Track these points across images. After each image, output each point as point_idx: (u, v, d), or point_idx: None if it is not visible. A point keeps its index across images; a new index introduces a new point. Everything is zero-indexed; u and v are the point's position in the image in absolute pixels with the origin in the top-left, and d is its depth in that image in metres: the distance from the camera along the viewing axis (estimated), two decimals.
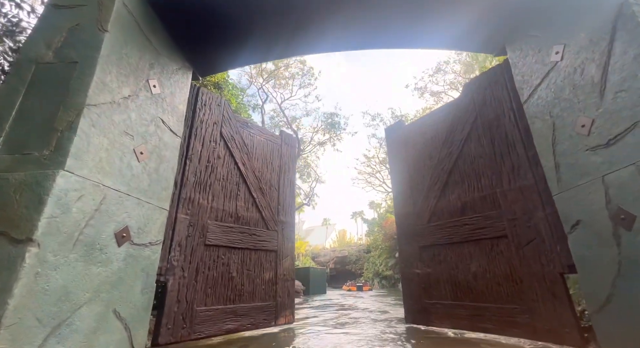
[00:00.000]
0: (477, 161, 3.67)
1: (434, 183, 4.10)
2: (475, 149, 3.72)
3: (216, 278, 3.72)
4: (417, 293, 3.95)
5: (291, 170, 5.14)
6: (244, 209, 4.21)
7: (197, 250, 3.61)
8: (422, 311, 3.82)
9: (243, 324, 3.73)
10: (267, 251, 4.30)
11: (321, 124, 17.33)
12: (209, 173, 3.95)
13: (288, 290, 4.37)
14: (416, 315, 3.91)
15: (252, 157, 4.56)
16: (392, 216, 27.61)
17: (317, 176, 19.99)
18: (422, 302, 3.86)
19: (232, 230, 3.99)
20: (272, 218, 4.50)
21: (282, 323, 4.15)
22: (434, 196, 4.05)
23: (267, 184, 4.65)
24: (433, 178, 4.13)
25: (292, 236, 4.73)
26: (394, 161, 4.95)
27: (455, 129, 4.00)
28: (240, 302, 3.80)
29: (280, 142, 5.11)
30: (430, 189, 4.13)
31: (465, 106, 3.94)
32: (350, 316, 5.50)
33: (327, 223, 68.11)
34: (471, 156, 3.75)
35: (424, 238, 4.04)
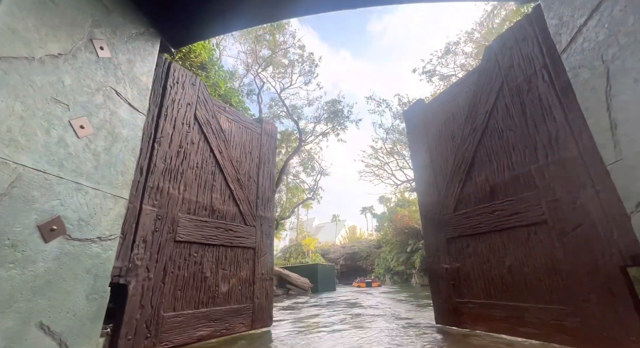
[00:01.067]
0: (506, 134, 3.19)
1: (458, 166, 3.66)
2: (503, 121, 3.24)
3: (187, 278, 3.29)
4: (447, 291, 3.57)
5: (271, 162, 4.79)
6: (220, 202, 3.80)
7: (166, 246, 3.16)
8: (453, 311, 3.43)
9: (217, 330, 3.34)
10: (245, 249, 3.93)
11: (323, 112, 15.81)
12: (181, 159, 3.49)
13: (266, 291, 4.04)
14: (446, 316, 3.53)
15: (230, 145, 4.15)
16: (403, 210, 26.86)
17: (321, 169, 18.90)
18: (452, 301, 3.47)
19: (206, 224, 3.57)
20: (250, 213, 4.13)
21: (259, 327, 3.81)
22: (459, 180, 3.62)
23: (245, 176, 4.26)
24: (457, 160, 3.68)
25: (271, 233, 4.40)
26: (415, 145, 4.50)
27: (479, 100, 3.52)
28: (214, 305, 3.41)
29: (260, 131, 4.73)
30: (455, 173, 3.68)
31: (489, 72, 3.45)
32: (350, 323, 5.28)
33: (337, 219, 67.03)
34: (499, 130, 3.28)
35: (450, 229, 3.63)
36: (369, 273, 33.58)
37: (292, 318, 5.56)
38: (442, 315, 3.61)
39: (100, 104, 2.52)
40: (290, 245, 39.54)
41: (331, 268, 21.29)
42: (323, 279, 18.45)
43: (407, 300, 8.56)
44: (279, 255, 38.43)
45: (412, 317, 4.58)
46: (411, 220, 23.50)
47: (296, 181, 19.23)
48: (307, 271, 17.91)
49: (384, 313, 5.35)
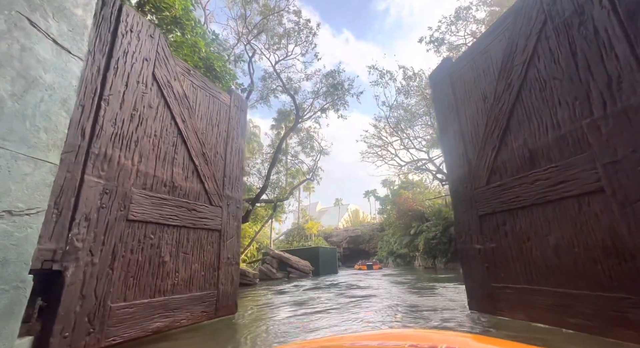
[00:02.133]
0: (549, 86, 2.65)
1: (490, 131, 3.20)
2: (546, 70, 2.69)
3: (142, 263, 2.83)
4: (480, 275, 3.19)
5: (240, 138, 4.36)
6: (183, 177, 3.33)
7: (116, 226, 2.66)
8: (488, 297, 3.06)
9: (176, 320, 2.97)
10: (209, 231, 3.54)
11: (322, 86, 14.12)
12: (135, 124, 2.94)
13: (232, 276, 3.72)
14: (480, 302, 3.17)
15: (195, 114, 3.64)
16: (406, 192, 26.12)
17: (321, 149, 17.25)
18: (487, 286, 3.09)
19: (165, 202, 3.09)
20: (216, 192, 3.72)
21: (223, 314, 3.51)
22: (492, 147, 3.17)
23: (211, 151, 3.80)
24: (490, 125, 3.22)
25: (238, 214, 4.05)
26: (442, 112, 4.02)
27: (515, 48, 2.99)
28: (173, 293, 3.01)
29: (229, 103, 4.25)
30: (487, 139, 3.23)
31: (527, 10, 2.87)
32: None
33: (340, 203, 66.00)
34: (540, 81, 2.74)
35: (483, 205, 3.22)
36: (371, 256, 33.94)
37: (269, 302, 5.27)
38: (476, 301, 3.26)
39: (2, 33, 1.89)
40: (293, 228, 38.29)
41: (333, 251, 21.12)
42: (325, 262, 18.32)
43: (414, 287, 7.80)
44: (281, 238, 37.41)
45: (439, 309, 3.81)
46: (415, 203, 23.35)
47: (295, 161, 17.99)
48: (308, 254, 17.57)
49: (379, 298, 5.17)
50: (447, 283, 7.68)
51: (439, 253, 18.91)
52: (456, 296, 4.87)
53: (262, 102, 14.65)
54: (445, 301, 4.30)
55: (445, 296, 4.94)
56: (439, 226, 19.28)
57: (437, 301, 4.36)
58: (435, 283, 8.06)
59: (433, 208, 22.16)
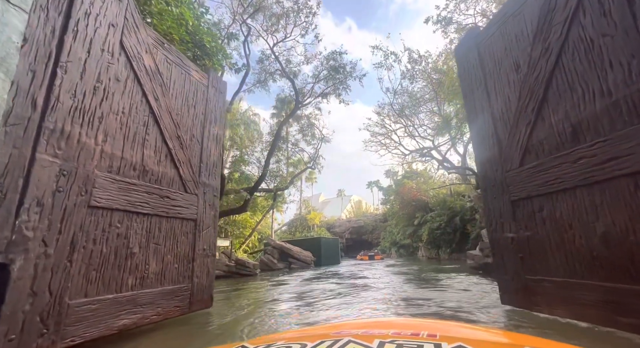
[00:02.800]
0: (597, 44, 2.28)
1: (524, 105, 2.86)
2: (593, 26, 2.32)
3: (107, 255, 2.49)
4: (513, 266, 2.90)
5: (219, 122, 4.09)
6: (155, 161, 3.01)
7: (75, 213, 2.30)
8: (523, 290, 2.80)
9: (146, 316, 2.69)
10: (184, 220, 3.27)
11: (323, 69, 12.98)
12: (100, 98, 2.57)
13: (208, 269, 3.49)
14: (514, 295, 2.89)
15: (169, 93, 3.31)
16: (410, 182, 24.52)
17: (322, 136, 16.13)
18: (521, 278, 2.82)
19: (135, 188, 2.77)
20: (192, 179, 3.45)
21: (198, 308, 3.28)
22: (526, 123, 2.83)
23: (187, 134, 3.50)
24: (523, 98, 2.88)
25: (215, 203, 3.80)
26: (468, 88, 3.66)
27: (555, 4, 2.60)
28: (143, 287, 2.71)
29: (207, 83, 3.96)
30: (520, 114, 2.90)
31: None
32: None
33: (342, 194, 63.48)
34: (586, 41, 2.37)
35: (516, 189, 2.92)
36: (374, 246, 33.02)
37: (256, 297, 4.97)
38: (509, 295, 2.98)
39: None
40: (295, 219, 36.42)
41: (335, 241, 20.32)
42: (327, 252, 17.62)
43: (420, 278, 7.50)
44: (284, 228, 35.23)
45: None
46: (419, 192, 22.53)
47: (295, 149, 16.52)
48: (310, 245, 16.74)
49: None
50: (452, 274, 7.52)
51: (443, 244, 18.58)
52: (480, 289, 4.66)
53: (260, 86, 13.46)
54: (462, 295, 4.14)
55: (459, 289, 4.86)
56: (444, 216, 18.81)
57: (453, 295, 4.18)
58: (440, 274, 7.86)
59: (437, 197, 21.67)
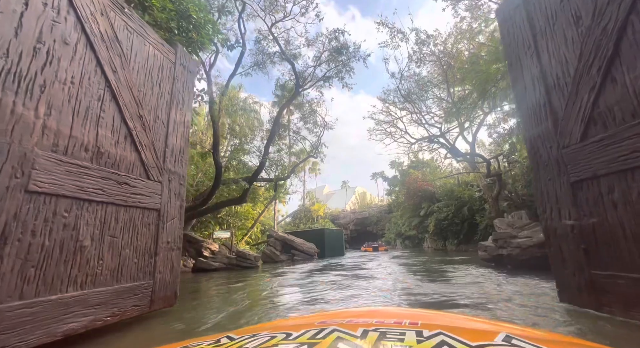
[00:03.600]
0: None
1: (587, 65, 2.43)
2: None
3: (49, 249, 2.16)
4: (575, 259, 2.55)
5: (187, 104, 3.71)
6: (112, 142, 2.64)
7: (8, 199, 1.95)
8: (588, 288, 2.45)
9: (99, 318, 2.37)
10: (145, 210, 2.92)
11: (324, 49, 12.06)
12: (40, 62, 2.19)
13: (172, 263, 3.16)
14: (577, 293, 2.54)
15: (130, 65, 2.92)
16: (416, 172, 23.87)
17: (324, 123, 15.28)
18: (584, 273, 2.47)
19: (87, 172, 2.41)
20: (155, 164, 3.09)
21: (160, 307, 2.96)
22: (590, 88, 2.40)
23: (151, 114, 3.13)
24: (585, 56, 2.44)
25: (182, 193, 3.45)
26: (513, 54, 3.25)
27: None
28: (95, 285, 2.39)
29: (174, 59, 3.56)
30: (582, 78, 2.47)
31: None
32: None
33: (346, 186, 63.44)
34: None
35: (577, 168, 2.51)
36: (379, 238, 33.07)
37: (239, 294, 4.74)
38: (569, 292, 2.64)
39: None
40: (299, 210, 36.46)
41: (339, 233, 20.17)
42: (331, 244, 17.41)
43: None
44: (287, 220, 35.49)
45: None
46: (425, 183, 22.08)
47: (297, 137, 15.97)
48: (313, 236, 16.54)
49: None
50: (460, 266, 7.30)
51: (450, 235, 18.30)
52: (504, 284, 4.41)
53: (258, 69, 12.45)
54: (482, 290, 3.84)
55: (481, 284, 4.54)
56: (451, 206, 18.50)
57: (473, 289, 3.87)
58: (451, 266, 7.61)
59: (444, 187, 21.27)
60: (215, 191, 9.15)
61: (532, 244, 5.56)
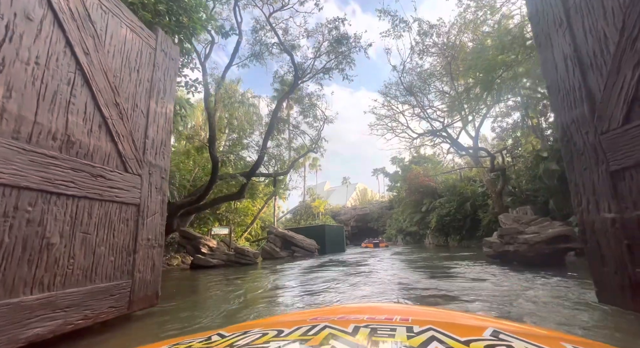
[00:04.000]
0: None
1: (630, 38, 2.18)
2: None
3: (9, 248, 1.96)
4: (616, 256, 2.34)
5: (168, 93, 3.48)
6: (84, 131, 2.43)
7: None
8: (632, 287, 2.24)
9: (69, 321, 2.17)
10: (123, 205, 2.72)
11: (324, 39, 11.54)
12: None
13: (153, 261, 2.97)
14: (619, 294, 2.33)
15: (104, 48, 2.70)
16: (417, 167, 23.72)
17: (324, 116, 14.78)
18: (627, 272, 2.26)
19: (54, 162, 2.20)
20: (134, 156, 2.87)
21: (140, 307, 2.77)
22: (633, 65, 2.16)
23: (129, 102, 2.91)
24: (629, 28, 2.19)
25: (164, 187, 3.25)
26: (542, 34, 3.01)
27: None
28: (65, 287, 2.19)
29: (154, 45, 3.33)
30: (624, 54, 2.23)
31: None
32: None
33: (347, 182, 63.19)
34: None
35: (618, 155, 2.29)
36: (380, 234, 32.84)
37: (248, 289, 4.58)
38: (609, 292, 2.44)
39: None
40: (300, 207, 36.47)
41: (340, 229, 20.08)
42: (331, 240, 17.32)
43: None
44: (288, 216, 35.39)
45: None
46: (427, 178, 21.88)
47: (296, 131, 15.64)
48: (314, 233, 16.42)
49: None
50: (465, 263, 7.15)
51: (453, 231, 18.16)
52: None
53: (255, 60, 11.86)
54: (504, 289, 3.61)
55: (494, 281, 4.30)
56: (453, 202, 18.36)
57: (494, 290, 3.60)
58: (454, 263, 7.40)
59: (446, 183, 21.12)
60: (212, 186, 8.95)
61: (539, 240, 5.32)
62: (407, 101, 17.41)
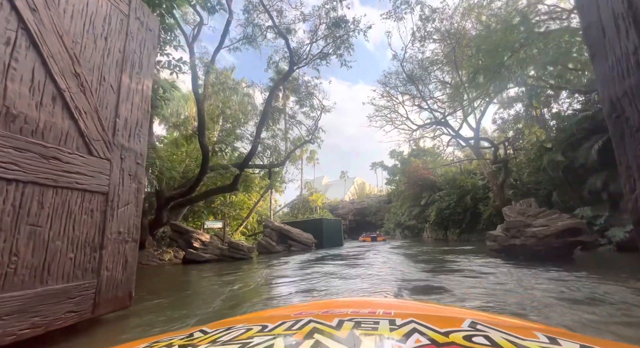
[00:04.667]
0: None
1: None
2: None
3: None
4: None
5: (145, 68, 3.07)
6: (32, 104, 2.03)
7: None
8: None
9: (10, 332, 1.80)
10: (86, 193, 2.33)
11: (320, 22, 10.72)
12: None
13: (126, 258, 2.60)
14: None
15: (59, 7, 2.28)
16: (417, 160, 23.20)
17: (321, 105, 14.02)
18: None
19: None
20: (101, 137, 2.48)
21: (108, 311, 2.41)
22: None
23: (93, 74, 2.50)
24: None
25: (139, 174, 2.86)
26: None
27: None
28: (4, 290, 1.81)
29: (127, 11, 2.90)
30: None
31: None
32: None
33: (345, 176, 62.92)
34: None
35: None
36: (378, 228, 32.61)
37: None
38: None
39: None
40: (297, 200, 36.04)
41: (338, 222, 19.77)
42: (329, 234, 17.06)
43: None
44: (285, 210, 35.04)
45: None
46: (426, 171, 21.61)
47: (293, 121, 14.98)
48: (311, 227, 16.09)
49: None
50: (462, 257, 6.90)
51: (452, 224, 18.02)
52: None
53: (247, 43, 10.95)
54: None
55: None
56: (453, 195, 18.14)
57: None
58: (458, 257, 7.11)
59: (446, 176, 20.83)
60: (203, 177, 8.54)
61: (549, 233, 5.00)
62: (407, 91, 16.96)
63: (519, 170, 13.50)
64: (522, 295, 3.14)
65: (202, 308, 3.25)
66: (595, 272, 4.20)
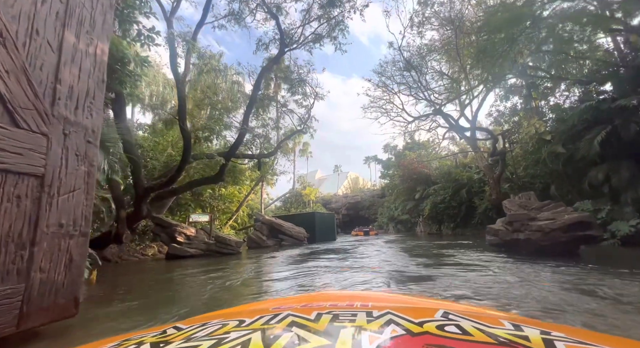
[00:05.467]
0: None
1: None
2: None
3: None
4: None
5: (99, 28, 2.54)
6: None
7: None
8: None
9: None
10: (9, 175, 1.84)
11: (313, 2, 9.85)
12: None
13: (70, 256, 2.12)
14: None
15: None
16: (411, 153, 22.97)
17: (314, 93, 13.02)
18: None
19: None
20: (33, 105, 1.98)
21: (42, 322, 1.95)
22: None
23: (18, 23, 1.97)
24: None
25: (89, 154, 2.36)
26: None
27: None
28: None
29: None
30: None
31: None
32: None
33: (339, 170, 62.27)
34: None
35: None
36: (371, 222, 32.52)
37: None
38: None
39: None
40: (290, 195, 35.51)
41: (331, 216, 19.54)
42: (322, 228, 16.79)
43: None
44: (278, 204, 34.65)
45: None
46: (421, 164, 21.36)
47: (284, 110, 14.11)
48: (303, 221, 15.70)
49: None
50: (467, 252, 6.65)
51: (446, 218, 17.90)
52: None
53: (233, 20, 9.91)
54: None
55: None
56: (448, 189, 17.92)
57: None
58: (456, 252, 6.90)
59: (441, 169, 20.55)
60: (185, 166, 7.95)
61: (556, 227, 4.67)
62: (404, 81, 16.51)
63: (515, 163, 13.27)
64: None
65: (172, 312, 2.82)
66: (613, 268, 3.91)
